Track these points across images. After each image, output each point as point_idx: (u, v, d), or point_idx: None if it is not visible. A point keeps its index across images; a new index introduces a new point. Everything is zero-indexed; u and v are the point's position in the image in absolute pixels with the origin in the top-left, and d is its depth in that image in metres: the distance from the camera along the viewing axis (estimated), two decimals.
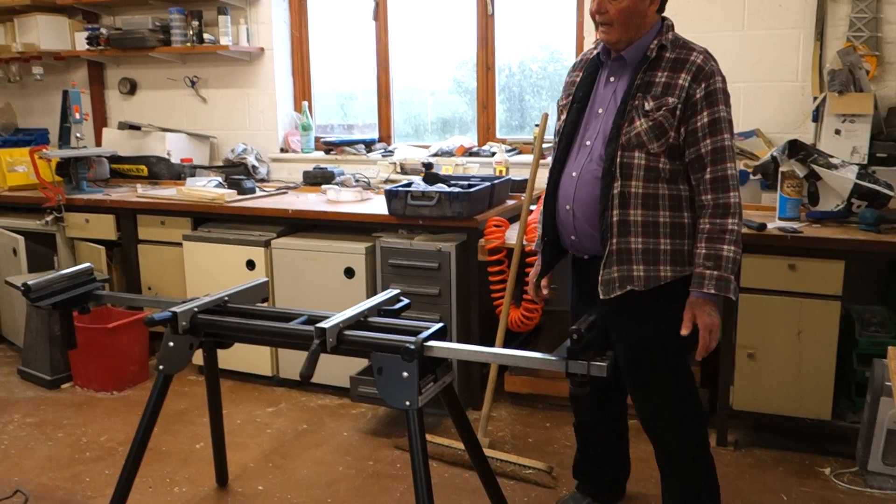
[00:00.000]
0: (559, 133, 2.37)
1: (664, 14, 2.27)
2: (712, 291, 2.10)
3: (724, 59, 3.65)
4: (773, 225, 3.00)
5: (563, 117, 2.35)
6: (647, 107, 2.14)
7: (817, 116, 3.44)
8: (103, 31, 4.82)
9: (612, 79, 2.26)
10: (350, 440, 3.25)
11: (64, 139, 4.36)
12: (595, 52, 2.34)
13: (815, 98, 3.48)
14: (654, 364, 2.27)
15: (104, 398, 3.76)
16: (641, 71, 2.18)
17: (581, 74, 2.35)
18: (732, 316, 3.01)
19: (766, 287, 2.96)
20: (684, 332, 2.15)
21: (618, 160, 2.16)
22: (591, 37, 3.88)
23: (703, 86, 2.12)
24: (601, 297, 2.22)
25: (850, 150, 3.30)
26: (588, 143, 2.26)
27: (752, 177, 3.36)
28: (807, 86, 3.56)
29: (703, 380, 3.35)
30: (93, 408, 3.65)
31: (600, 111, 2.26)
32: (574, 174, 2.26)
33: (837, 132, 3.33)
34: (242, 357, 3.74)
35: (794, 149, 3.12)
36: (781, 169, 3.12)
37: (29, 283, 2.47)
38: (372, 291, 3.52)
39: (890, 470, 2.80)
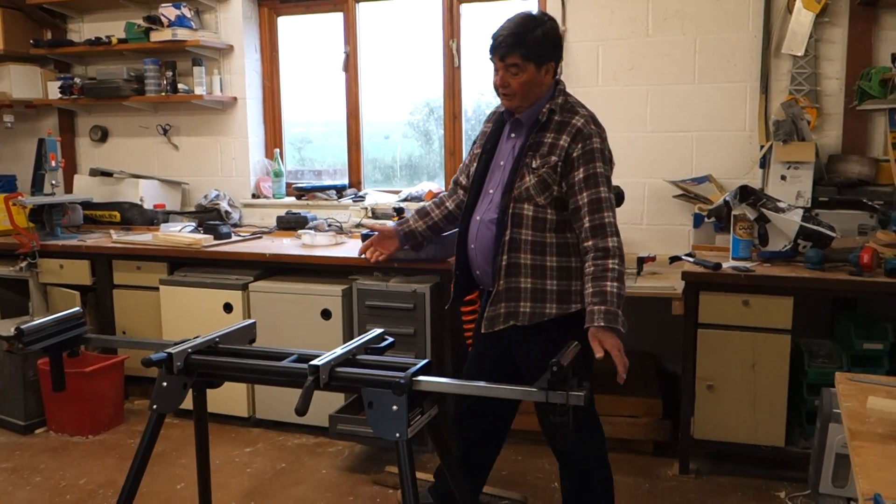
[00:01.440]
0: (471, 180, 2.65)
1: (558, 78, 2.58)
2: (602, 324, 2.33)
3: (678, 111, 3.94)
4: (728, 265, 3.22)
5: (475, 166, 2.63)
6: (534, 164, 2.45)
7: (764, 163, 3.70)
8: (77, 80, 4.92)
9: (512, 135, 2.58)
10: (329, 477, 3.34)
11: (37, 186, 4.41)
12: (501, 108, 2.63)
13: (762, 146, 3.74)
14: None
15: (80, 442, 3.79)
16: (534, 132, 2.48)
17: (491, 127, 2.66)
18: (692, 349, 3.20)
19: (723, 322, 3.16)
20: (598, 356, 2.34)
21: (510, 211, 2.47)
22: None
23: (579, 146, 2.42)
24: (483, 330, 2.54)
25: (795, 195, 3.56)
26: (490, 191, 2.56)
27: (706, 220, 3.59)
28: (754, 135, 3.83)
29: (666, 412, 3.52)
30: (69, 452, 3.68)
31: (502, 163, 2.56)
32: (478, 218, 2.57)
33: (783, 178, 3.59)
34: (219, 399, 3.79)
35: (745, 194, 3.36)
36: (734, 212, 3.34)
37: (22, 327, 2.52)
38: (349, 332, 3.63)
39: (840, 492, 2.97)
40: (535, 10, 2.52)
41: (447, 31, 4.49)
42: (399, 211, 4.15)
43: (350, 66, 4.73)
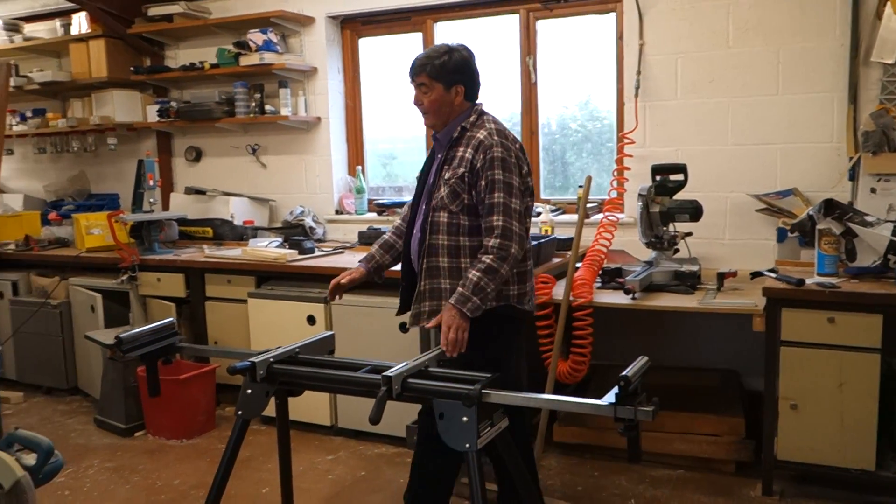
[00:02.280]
0: (412, 202, 2.92)
1: (478, 102, 2.84)
2: (452, 302, 2.63)
3: (761, 123, 3.86)
4: (812, 280, 3.13)
5: (416, 188, 2.92)
6: (446, 176, 2.73)
7: (853, 175, 3.58)
8: (173, 104, 5.19)
9: (438, 156, 2.84)
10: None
11: (137, 204, 4.68)
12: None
13: (851, 158, 3.63)
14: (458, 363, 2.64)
15: (175, 445, 4.00)
16: (449, 148, 2.76)
17: (428, 155, 2.93)
18: (775, 367, 3.13)
19: (807, 340, 3.06)
20: (428, 325, 2.75)
21: (429, 220, 2.74)
22: (630, 102, 4.11)
23: (482, 156, 2.67)
24: (408, 326, 2.86)
25: (886, 208, 3.43)
26: (423, 207, 2.83)
27: (789, 234, 3.50)
28: (842, 146, 3.71)
29: (749, 431, 3.44)
30: (165, 454, 3.88)
31: (430, 182, 2.83)
32: (415, 232, 2.84)
33: (873, 191, 3.47)
34: (303, 407, 3.94)
35: (830, 208, 3.27)
36: (818, 227, 3.26)
37: (120, 336, 2.70)
38: (426, 345, 3.69)
39: None
40: (452, 42, 2.83)
41: (524, 47, 4.54)
42: None
43: None
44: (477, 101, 2.84)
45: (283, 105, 4.92)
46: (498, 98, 4.70)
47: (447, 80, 2.75)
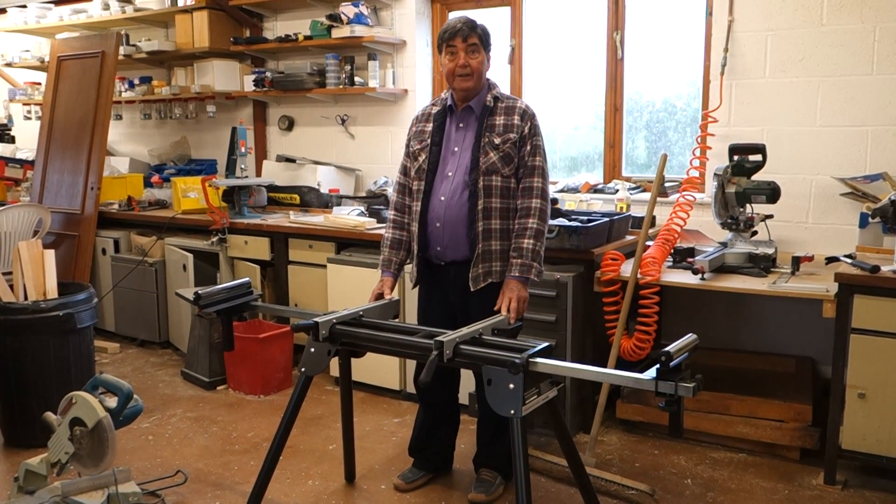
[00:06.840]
0: (420, 170, 2.98)
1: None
2: (516, 274, 2.84)
3: (852, 104, 3.73)
4: (889, 268, 3.01)
5: (424, 157, 2.98)
6: (497, 141, 2.87)
7: None
8: (268, 74, 5.40)
9: (461, 125, 2.96)
10: (468, 451, 3.49)
11: (230, 169, 4.92)
12: (436, 108, 3.02)
13: None
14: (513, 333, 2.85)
15: (253, 400, 4.22)
16: (485, 116, 2.89)
17: (431, 125, 3.00)
18: (844, 355, 3.04)
19: (879, 329, 2.96)
20: (496, 307, 2.82)
21: (480, 184, 2.85)
22: (716, 80, 4.02)
23: (528, 124, 2.90)
24: (472, 289, 2.88)
25: None
26: (449, 174, 2.92)
27: (870, 220, 3.37)
28: None
29: (816, 419, 3.36)
30: (243, 408, 4.11)
31: (455, 150, 2.94)
32: (442, 199, 2.92)
33: None
34: (374, 371, 4.10)
35: None
36: None
37: (199, 291, 2.89)
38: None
39: None
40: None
41: (611, 22, 4.49)
42: (552, 201, 4.21)
43: (515, 58, 4.85)
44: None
45: (372, 77, 5.04)
46: (578, 73, 4.67)
47: (488, 48, 2.93)
